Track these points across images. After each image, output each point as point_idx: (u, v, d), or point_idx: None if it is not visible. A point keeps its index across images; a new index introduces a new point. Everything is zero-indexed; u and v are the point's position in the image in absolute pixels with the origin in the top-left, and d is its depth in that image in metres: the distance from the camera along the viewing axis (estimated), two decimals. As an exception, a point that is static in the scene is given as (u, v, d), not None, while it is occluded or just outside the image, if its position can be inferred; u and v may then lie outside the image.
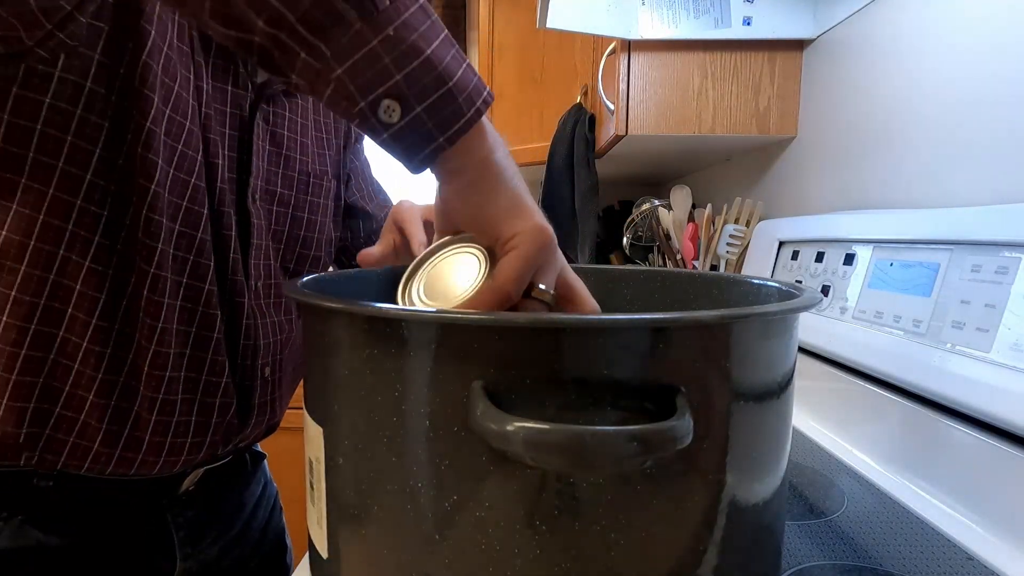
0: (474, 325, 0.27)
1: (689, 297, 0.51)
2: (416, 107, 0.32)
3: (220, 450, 0.58)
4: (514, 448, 0.24)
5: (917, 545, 0.49)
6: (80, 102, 0.44)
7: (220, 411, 0.55)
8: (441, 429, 0.28)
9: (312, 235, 0.65)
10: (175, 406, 0.52)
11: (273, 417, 0.64)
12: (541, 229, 0.35)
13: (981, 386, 0.51)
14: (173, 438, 0.52)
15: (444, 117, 0.32)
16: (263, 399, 0.60)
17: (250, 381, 0.58)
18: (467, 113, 0.33)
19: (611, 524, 0.27)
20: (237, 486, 0.67)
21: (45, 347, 0.46)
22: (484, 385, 0.26)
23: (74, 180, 0.45)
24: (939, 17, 0.73)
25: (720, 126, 1.09)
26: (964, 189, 0.68)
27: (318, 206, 0.66)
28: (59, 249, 0.45)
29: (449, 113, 0.32)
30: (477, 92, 0.33)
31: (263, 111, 0.58)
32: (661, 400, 0.27)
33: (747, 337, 0.30)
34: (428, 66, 0.31)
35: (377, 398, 0.29)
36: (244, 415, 0.58)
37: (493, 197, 0.35)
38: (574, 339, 0.27)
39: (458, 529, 0.28)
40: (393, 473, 0.29)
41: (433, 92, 0.32)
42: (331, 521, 0.33)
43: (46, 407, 0.47)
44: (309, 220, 0.65)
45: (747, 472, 0.30)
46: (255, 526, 0.69)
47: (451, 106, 0.32)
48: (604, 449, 0.24)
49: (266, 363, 0.60)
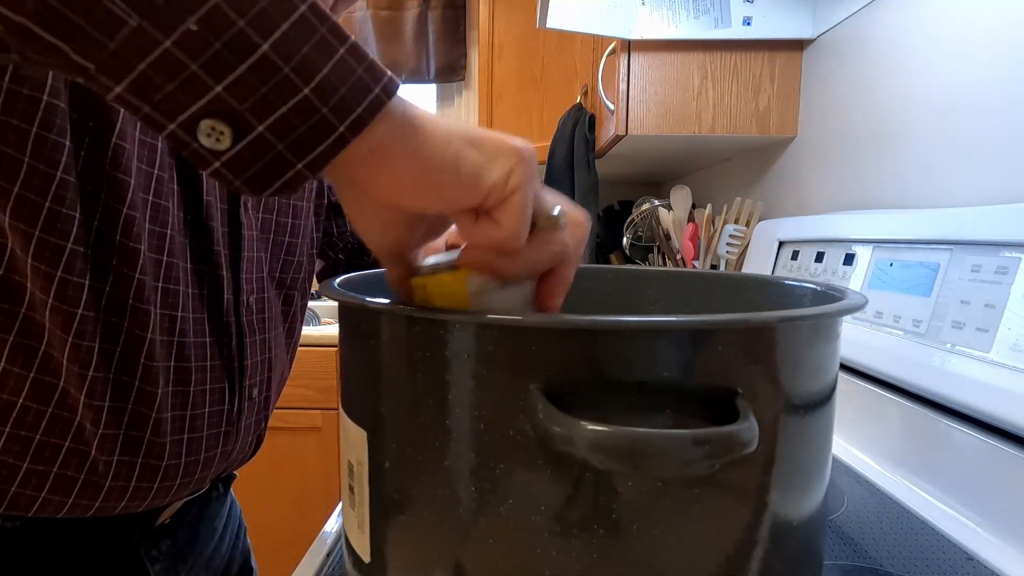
0: (533, 327, 0.26)
1: (718, 299, 0.50)
2: (256, 126, 0.23)
3: (207, 482, 0.54)
4: (579, 451, 0.24)
5: (917, 545, 0.49)
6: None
7: (209, 443, 0.52)
8: (496, 433, 0.27)
9: (296, 240, 0.61)
10: (165, 448, 0.48)
11: (259, 440, 0.61)
12: (515, 151, 0.28)
13: (981, 386, 0.51)
14: (161, 483, 0.48)
15: (303, 136, 0.24)
16: (249, 420, 0.56)
17: (238, 404, 0.54)
18: (338, 126, 0.24)
19: (668, 529, 0.27)
20: (211, 510, 0.63)
21: (46, 400, 0.43)
22: (542, 388, 0.26)
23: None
24: (939, 17, 0.73)
25: (720, 126, 1.09)
26: (964, 189, 0.69)
27: (300, 209, 0.61)
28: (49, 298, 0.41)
29: (310, 130, 0.24)
30: (360, 89, 0.24)
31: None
32: (719, 404, 0.27)
33: (800, 340, 0.30)
34: (267, 66, 0.23)
35: (428, 401, 0.29)
36: (230, 441, 0.54)
37: (439, 165, 0.27)
38: (634, 341, 0.26)
39: (511, 533, 0.28)
40: (444, 477, 0.29)
41: (281, 102, 0.23)
42: (375, 525, 0.33)
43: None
44: (292, 224, 0.60)
45: (796, 481, 0.30)
46: (224, 549, 0.66)
47: (312, 118, 0.23)
48: (671, 452, 0.24)
49: (254, 384, 0.55)
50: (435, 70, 2.20)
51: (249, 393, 0.55)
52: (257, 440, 0.60)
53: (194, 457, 0.50)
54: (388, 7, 2.17)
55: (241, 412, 0.54)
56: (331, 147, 0.24)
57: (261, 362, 0.57)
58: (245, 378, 0.54)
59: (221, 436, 0.52)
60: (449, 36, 2.18)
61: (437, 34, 2.17)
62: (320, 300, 1.91)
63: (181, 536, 0.57)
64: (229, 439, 0.53)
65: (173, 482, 0.49)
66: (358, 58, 0.24)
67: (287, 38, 0.23)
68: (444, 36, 2.18)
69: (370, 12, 2.17)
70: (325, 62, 0.23)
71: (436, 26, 2.17)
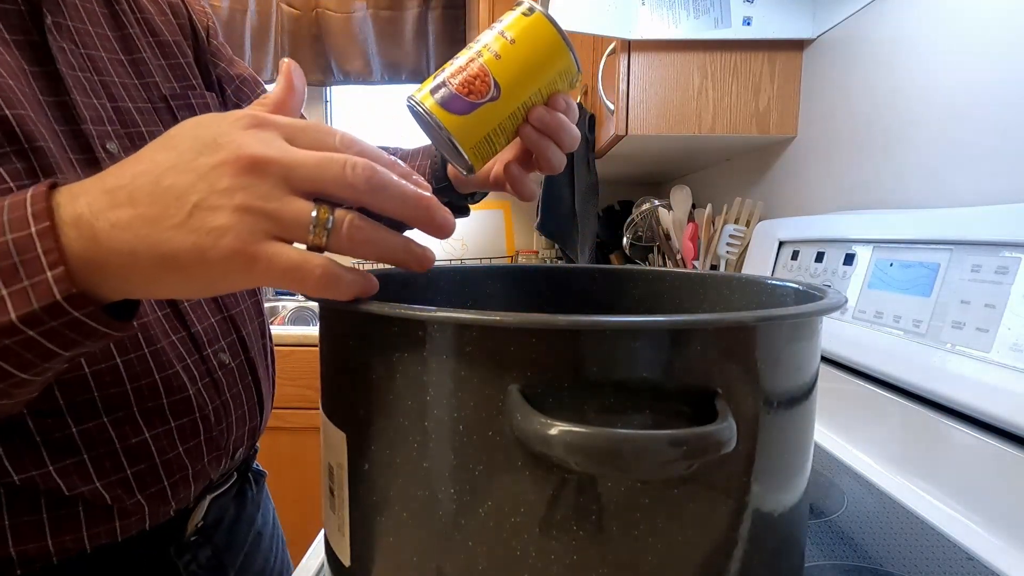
0: (512, 327, 0.26)
1: (700, 298, 0.50)
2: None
3: (215, 472, 0.51)
4: (556, 452, 0.24)
5: (917, 545, 0.49)
6: None
7: (191, 430, 0.47)
8: (475, 434, 0.27)
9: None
10: (147, 447, 0.44)
11: (259, 411, 0.56)
12: (214, 165, 0.27)
13: (981, 386, 0.51)
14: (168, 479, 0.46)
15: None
16: (234, 390, 0.51)
17: (209, 378, 0.49)
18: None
19: (648, 529, 0.27)
20: (247, 513, 0.60)
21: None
22: (521, 388, 0.26)
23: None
24: (939, 17, 0.73)
25: (720, 126, 1.09)
26: (964, 189, 0.68)
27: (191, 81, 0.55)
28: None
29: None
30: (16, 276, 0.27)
31: (52, 25, 0.44)
32: (698, 403, 0.27)
33: (778, 339, 0.29)
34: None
35: (407, 402, 0.29)
36: (221, 418, 0.50)
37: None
38: (613, 341, 0.26)
39: (492, 534, 0.28)
40: (424, 478, 0.29)
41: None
42: (355, 528, 0.32)
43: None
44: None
45: (776, 477, 0.30)
46: (262, 556, 0.62)
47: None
48: (648, 453, 0.24)
49: (219, 348, 0.51)
50: (435, 70, 2.20)
51: (217, 360, 0.51)
52: (253, 414, 0.55)
53: (191, 444, 0.47)
54: (388, 7, 2.17)
55: (220, 384, 0.50)
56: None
57: (218, 323, 0.51)
58: (203, 347, 0.49)
59: (211, 410, 0.49)
60: (449, 36, 2.18)
61: (437, 34, 2.17)
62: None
63: (217, 541, 0.54)
64: (219, 413, 0.50)
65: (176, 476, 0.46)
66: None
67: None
68: (444, 36, 2.18)
69: (370, 12, 2.17)
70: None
71: (436, 26, 2.17)
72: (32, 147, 0.39)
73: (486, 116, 0.41)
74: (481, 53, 0.41)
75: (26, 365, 0.29)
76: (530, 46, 0.41)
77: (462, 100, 0.40)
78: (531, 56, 0.41)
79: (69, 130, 0.44)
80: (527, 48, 0.41)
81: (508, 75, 0.41)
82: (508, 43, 0.41)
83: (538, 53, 0.41)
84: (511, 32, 0.41)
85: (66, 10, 0.46)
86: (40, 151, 0.39)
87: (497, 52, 0.40)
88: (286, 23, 2.18)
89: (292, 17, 2.19)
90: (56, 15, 0.45)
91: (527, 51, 0.41)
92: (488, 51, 0.40)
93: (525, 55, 0.41)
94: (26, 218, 0.27)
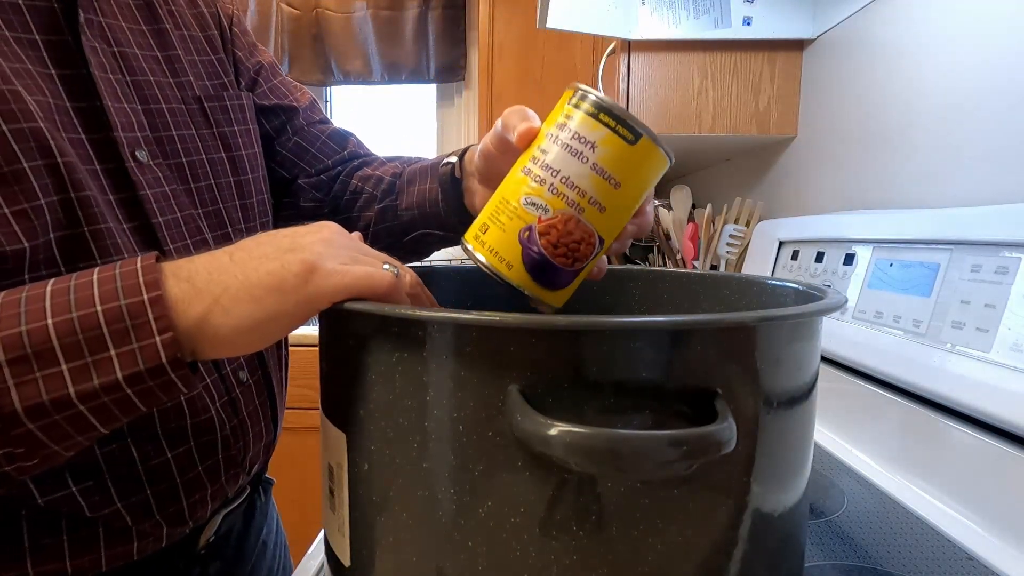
0: (512, 328, 0.26)
1: (700, 298, 0.50)
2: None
3: (231, 490, 0.51)
4: (556, 452, 0.24)
5: (917, 545, 0.49)
6: None
7: (210, 449, 0.47)
8: (475, 434, 0.27)
9: (243, 177, 0.52)
10: (169, 467, 0.45)
11: (273, 426, 0.56)
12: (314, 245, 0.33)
13: (981, 386, 0.51)
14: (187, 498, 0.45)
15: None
16: (251, 407, 0.51)
17: (227, 396, 0.49)
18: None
19: (648, 529, 0.27)
20: (256, 523, 0.60)
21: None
22: (521, 389, 0.26)
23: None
24: (939, 17, 0.73)
25: (720, 126, 1.09)
26: (964, 189, 0.68)
27: (236, 134, 0.52)
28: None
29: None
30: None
31: (85, 23, 0.43)
32: (698, 404, 0.27)
33: (778, 339, 0.29)
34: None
35: (406, 402, 0.29)
36: (239, 436, 0.50)
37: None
38: (613, 341, 0.26)
39: (492, 534, 0.28)
40: (423, 479, 0.29)
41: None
42: (355, 528, 0.32)
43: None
44: (231, 158, 0.51)
45: (776, 477, 0.30)
46: (267, 565, 0.62)
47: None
48: (648, 454, 0.24)
49: (237, 366, 0.50)
50: (435, 70, 2.20)
51: (236, 379, 0.50)
52: (268, 430, 0.55)
53: (210, 462, 0.47)
54: (388, 7, 2.17)
55: (237, 402, 0.50)
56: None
57: None
58: (222, 365, 0.49)
59: (229, 429, 0.49)
60: (449, 36, 2.18)
61: (437, 34, 2.17)
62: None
63: (227, 554, 0.54)
64: (237, 432, 0.50)
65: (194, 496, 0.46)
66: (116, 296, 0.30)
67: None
68: (444, 36, 2.18)
69: (370, 12, 2.17)
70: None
71: (436, 26, 2.17)
72: (58, 162, 0.38)
73: (588, 268, 0.34)
74: (579, 205, 0.32)
75: (110, 420, 0.32)
76: (638, 184, 0.33)
77: (563, 272, 0.33)
78: (639, 192, 0.34)
79: (97, 138, 0.42)
80: (636, 187, 0.33)
81: (614, 223, 0.34)
82: (612, 188, 0.32)
83: (647, 185, 0.34)
84: (613, 169, 0.32)
85: (99, 5, 0.45)
86: (64, 166, 0.39)
87: (601, 204, 0.32)
88: (286, 23, 2.19)
89: (292, 17, 2.19)
90: (88, 11, 0.44)
91: (636, 190, 0.33)
92: (587, 201, 0.32)
93: (634, 195, 0.34)
94: (138, 286, 0.31)
